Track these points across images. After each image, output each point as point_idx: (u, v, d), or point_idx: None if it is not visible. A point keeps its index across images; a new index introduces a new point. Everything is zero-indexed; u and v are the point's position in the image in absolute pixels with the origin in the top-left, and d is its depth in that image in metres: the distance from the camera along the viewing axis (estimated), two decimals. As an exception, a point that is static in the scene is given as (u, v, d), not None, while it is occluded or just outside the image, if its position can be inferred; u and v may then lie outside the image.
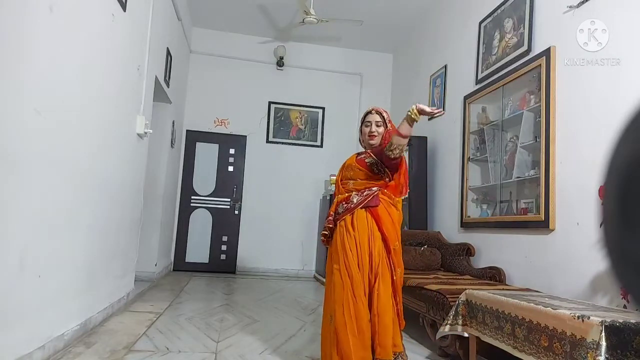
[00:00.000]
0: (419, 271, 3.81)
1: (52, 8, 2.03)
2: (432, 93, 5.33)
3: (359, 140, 2.48)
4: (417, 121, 2.12)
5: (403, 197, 2.38)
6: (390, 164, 2.24)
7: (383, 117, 2.36)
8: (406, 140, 2.16)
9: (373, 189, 2.29)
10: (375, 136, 2.34)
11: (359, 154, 2.43)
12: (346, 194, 2.33)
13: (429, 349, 2.87)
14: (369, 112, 2.39)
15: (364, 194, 2.28)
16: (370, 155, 2.32)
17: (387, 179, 2.30)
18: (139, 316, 3.32)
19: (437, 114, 2.14)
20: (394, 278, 2.22)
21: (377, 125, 2.35)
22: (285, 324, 3.39)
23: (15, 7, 1.77)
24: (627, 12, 2.62)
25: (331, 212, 2.39)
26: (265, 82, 6.79)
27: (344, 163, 2.47)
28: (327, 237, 2.40)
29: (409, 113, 2.10)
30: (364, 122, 2.40)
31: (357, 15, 5.66)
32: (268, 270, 6.54)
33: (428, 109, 2.08)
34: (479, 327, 2.29)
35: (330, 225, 2.35)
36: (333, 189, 5.94)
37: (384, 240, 2.22)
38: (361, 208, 2.25)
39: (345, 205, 2.30)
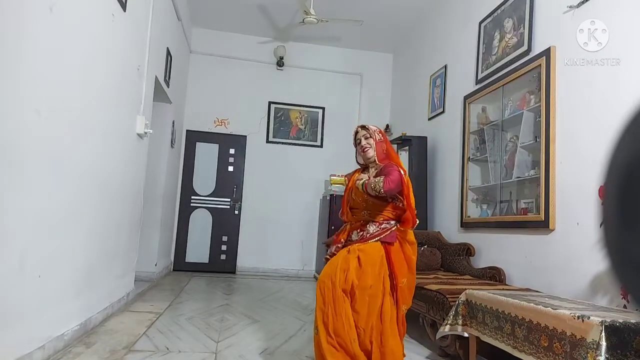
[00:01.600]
0: (419, 271, 3.79)
1: (52, 8, 2.03)
2: (432, 93, 5.33)
3: (357, 161, 2.47)
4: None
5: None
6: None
7: (367, 129, 2.34)
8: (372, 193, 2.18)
9: (391, 222, 2.25)
10: (368, 148, 2.32)
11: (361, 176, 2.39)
12: (361, 222, 2.30)
13: (429, 349, 2.87)
14: (355, 132, 2.39)
15: (382, 226, 2.24)
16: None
17: (400, 204, 2.25)
18: (139, 316, 3.32)
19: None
20: (398, 315, 2.18)
21: (365, 138, 2.33)
22: (285, 324, 3.39)
23: (15, 7, 1.77)
24: (627, 12, 2.62)
25: (341, 239, 2.34)
26: (265, 82, 6.79)
27: (349, 183, 2.40)
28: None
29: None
30: (355, 142, 2.40)
31: (357, 15, 5.66)
32: (268, 270, 6.54)
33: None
34: (479, 327, 2.29)
35: (333, 253, 2.30)
36: (333, 188, 5.99)
37: (392, 275, 2.17)
38: (376, 240, 2.21)
39: (360, 233, 2.27)
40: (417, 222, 2.29)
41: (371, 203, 2.27)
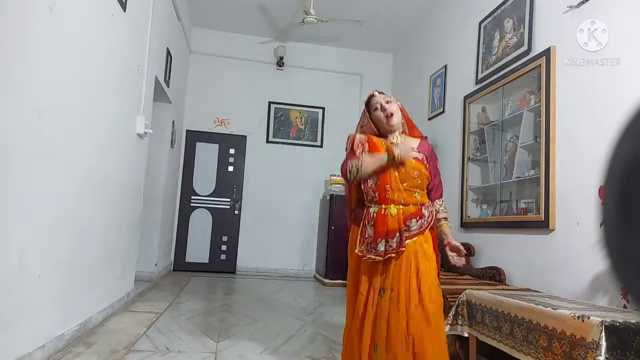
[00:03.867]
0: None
1: (52, 8, 2.03)
2: (432, 93, 5.33)
3: (367, 128, 2.03)
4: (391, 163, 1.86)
5: None
6: None
7: (385, 94, 2.02)
8: (366, 173, 1.86)
9: (430, 203, 2.00)
10: (393, 114, 1.95)
11: (392, 144, 1.93)
12: (413, 206, 1.91)
13: (429, 349, 2.86)
14: (371, 96, 2.02)
15: (429, 209, 1.96)
16: (427, 162, 1.99)
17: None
18: (139, 316, 3.32)
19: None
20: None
21: (387, 102, 1.97)
22: (285, 324, 3.39)
23: (15, 7, 1.77)
24: (627, 12, 2.62)
25: (400, 229, 1.84)
26: (265, 82, 6.79)
27: (382, 150, 1.90)
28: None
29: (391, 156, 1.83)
30: (371, 108, 2.00)
31: (357, 15, 5.66)
32: (268, 270, 6.54)
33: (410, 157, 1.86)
34: (478, 327, 2.29)
35: (403, 248, 1.82)
36: (333, 189, 5.97)
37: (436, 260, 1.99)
38: (430, 228, 1.95)
39: (420, 221, 1.91)
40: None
41: (425, 180, 1.95)
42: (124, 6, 3.07)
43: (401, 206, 1.89)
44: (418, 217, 1.90)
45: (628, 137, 0.43)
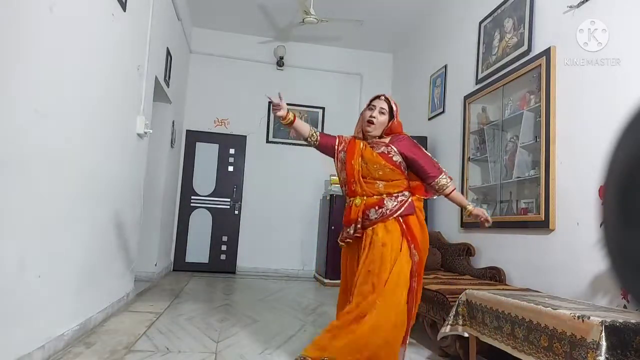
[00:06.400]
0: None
1: (52, 8, 2.03)
2: (432, 93, 5.33)
3: (358, 125, 2.30)
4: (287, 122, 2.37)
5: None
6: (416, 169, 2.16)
7: (391, 106, 2.19)
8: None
9: (406, 193, 2.15)
10: (373, 123, 2.15)
11: (370, 144, 2.20)
12: (376, 197, 2.12)
13: (429, 349, 2.87)
14: (377, 97, 2.21)
15: (399, 199, 2.11)
16: (397, 153, 2.14)
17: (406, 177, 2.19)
18: (139, 316, 3.32)
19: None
20: (414, 285, 2.14)
21: (381, 113, 2.16)
22: (285, 324, 3.39)
23: (15, 7, 1.77)
24: (627, 12, 2.62)
25: (357, 218, 2.12)
26: (265, 82, 6.77)
27: (356, 150, 2.18)
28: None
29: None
30: (368, 105, 2.22)
31: (357, 15, 5.66)
32: (268, 270, 6.54)
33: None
34: (478, 327, 2.29)
35: (359, 235, 2.13)
36: (333, 189, 5.97)
37: (416, 250, 2.12)
38: (396, 217, 2.09)
39: (380, 210, 2.10)
40: (442, 172, 2.19)
41: (389, 171, 2.12)
42: (124, 6, 3.07)
43: (365, 197, 2.13)
44: (377, 207, 2.10)
45: (628, 137, 0.43)
